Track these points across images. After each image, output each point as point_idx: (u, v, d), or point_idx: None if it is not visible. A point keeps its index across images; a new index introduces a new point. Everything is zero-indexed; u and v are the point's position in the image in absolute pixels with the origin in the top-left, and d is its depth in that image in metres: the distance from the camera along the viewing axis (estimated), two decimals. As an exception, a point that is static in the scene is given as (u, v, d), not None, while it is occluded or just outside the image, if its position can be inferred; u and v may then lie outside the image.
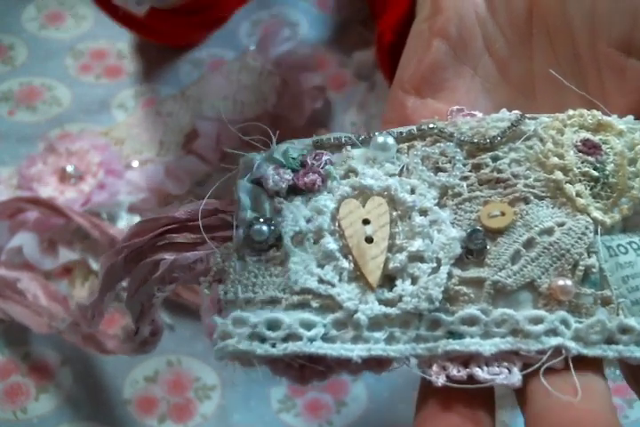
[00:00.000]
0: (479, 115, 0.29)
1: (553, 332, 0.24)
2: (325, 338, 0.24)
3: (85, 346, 0.38)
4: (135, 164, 0.50)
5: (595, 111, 0.28)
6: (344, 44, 0.55)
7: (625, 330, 0.24)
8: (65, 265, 0.46)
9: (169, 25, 0.52)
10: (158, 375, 0.44)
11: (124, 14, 0.49)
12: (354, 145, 0.28)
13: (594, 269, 0.25)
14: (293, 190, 0.27)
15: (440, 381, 0.24)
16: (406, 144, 0.28)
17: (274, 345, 0.24)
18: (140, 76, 0.56)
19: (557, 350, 0.23)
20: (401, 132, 0.28)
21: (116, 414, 0.42)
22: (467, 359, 0.24)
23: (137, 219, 0.47)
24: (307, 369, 0.24)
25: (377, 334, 0.24)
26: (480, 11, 0.32)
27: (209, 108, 0.52)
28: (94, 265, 0.46)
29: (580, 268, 0.25)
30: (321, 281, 0.25)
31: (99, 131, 0.52)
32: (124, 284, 0.28)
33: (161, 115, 0.52)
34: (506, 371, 0.24)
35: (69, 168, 0.48)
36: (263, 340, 0.24)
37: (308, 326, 0.24)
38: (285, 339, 0.24)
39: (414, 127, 0.28)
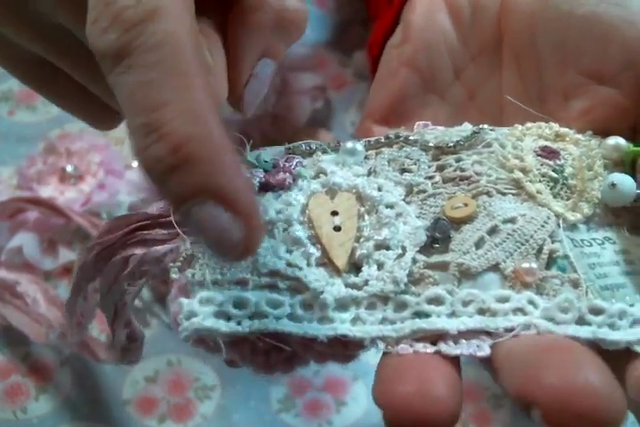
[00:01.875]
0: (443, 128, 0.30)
1: (521, 311, 0.24)
2: (292, 317, 0.24)
3: (82, 354, 0.39)
4: (135, 164, 0.50)
5: (552, 123, 0.29)
6: (344, 44, 0.55)
7: (596, 311, 0.24)
8: (65, 265, 0.46)
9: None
10: (158, 375, 0.43)
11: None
12: (324, 152, 0.29)
13: (559, 253, 0.25)
14: (265, 188, 0.27)
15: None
16: (374, 151, 0.29)
17: (239, 323, 0.24)
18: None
19: (526, 329, 0.23)
20: (369, 141, 0.29)
21: (115, 414, 0.42)
22: (434, 340, 0.24)
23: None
24: (272, 354, 0.24)
25: (343, 315, 0.24)
26: (449, 39, 0.32)
27: (209, 108, 0.52)
28: (94, 265, 0.46)
29: (545, 252, 0.25)
30: (289, 264, 0.25)
31: (99, 131, 0.52)
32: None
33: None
34: (474, 346, 0.23)
35: (69, 168, 0.48)
36: (229, 318, 0.24)
37: (275, 304, 0.24)
38: (251, 317, 0.24)
39: (382, 137, 0.29)
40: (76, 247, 0.46)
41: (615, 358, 0.23)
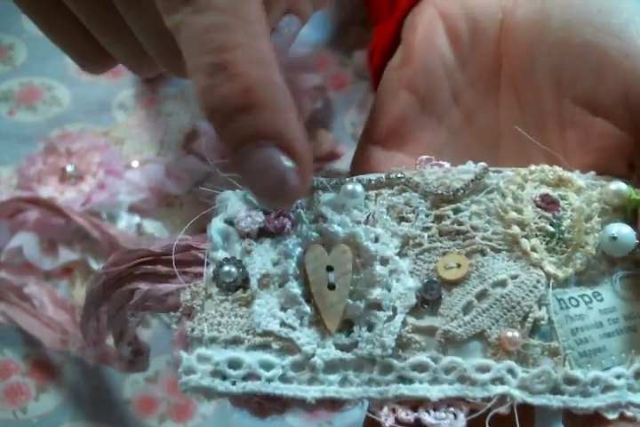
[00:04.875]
0: (446, 165, 0.29)
1: (499, 380, 0.25)
2: (283, 378, 0.25)
3: (103, 364, 0.39)
4: (135, 164, 0.50)
5: (556, 167, 0.29)
6: (344, 44, 0.55)
7: (570, 381, 0.25)
8: (65, 265, 0.46)
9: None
10: (158, 375, 0.44)
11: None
12: (325, 189, 0.29)
13: (543, 322, 0.26)
14: (264, 232, 0.28)
15: (388, 422, 0.25)
16: (374, 191, 0.29)
17: (234, 383, 0.25)
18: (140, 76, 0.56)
19: (503, 398, 0.25)
20: (370, 180, 0.29)
21: (116, 414, 0.43)
22: (416, 403, 0.25)
23: (137, 219, 0.48)
24: (265, 404, 0.26)
25: (332, 377, 0.26)
26: (448, 63, 0.32)
27: (209, 108, 0.52)
28: (94, 265, 0.46)
29: (530, 320, 0.26)
30: (282, 324, 0.26)
31: (99, 131, 0.52)
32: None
33: (161, 115, 0.52)
34: (452, 416, 0.25)
35: (69, 168, 0.48)
36: (224, 377, 0.25)
37: (268, 366, 0.26)
38: (245, 378, 0.25)
39: (383, 175, 0.29)
40: (76, 247, 0.46)
41: (585, 421, 0.25)
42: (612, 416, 0.25)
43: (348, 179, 0.29)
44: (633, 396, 0.25)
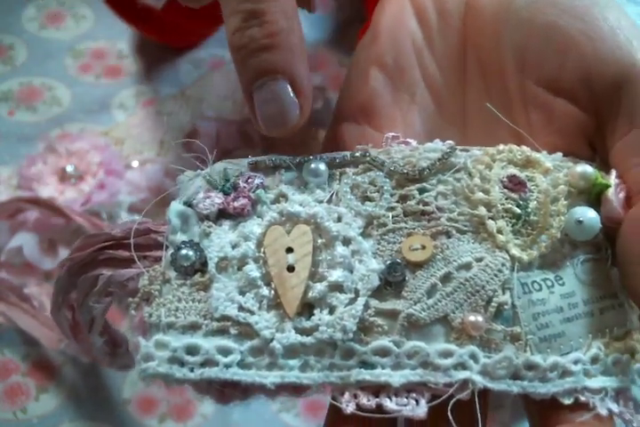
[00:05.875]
0: (413, 143, 0.29)
1: (462, 365, 0.25)
2: (241, 364, 0.25)
3: (94, 361, 0.39)
4: (135, 164, 0.50)
5: (524, 147, 0.28)
6: (344, 44, 0.55)
7: (530, 366, 0.25)
8: (65, 265, 0.46)
9: (183, 16, 0.52)
10: (158, 375, 0.43)
11: (130, 9, 0.50)
12: (288, 168, 0.28)
13: (506, 306, 0.26)
14: (223, 213, 0.27)
15: (349, 409, 0.25)
16: (338, 170, 0.28)
17: (192, 370, 0.25)
18: (140, 76, 0.56)
19: (465, 383, 0.25)
20: (334, 158, 0.28)
21: (116, 413, 0.42)
22: (377, 389, 0.25)
23: (137, 219, 0.48)
24: (226, 389, 0.25)
25: (292, 362, 0.25)
26: (416, 39, 0.32)
27: (209, 107, 0.52)
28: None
29: (493, 304, 0.26)
30: (241, 308, 0.26)
31: (99, 131, 0.52)
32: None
33: (161, 115, 0.52)
34: (413, 402, 0.25)
35: (69, 168, 0.48)
36: (182, 364, 0.25)
37: (225, 352, 0.25)
38: (203, 364, 0.25)
39: (348, 154, 0.28)
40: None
41: (541, 406, 0.26)
42: (567, 402, 0.25)
43: (311, 157, 0.28)
44: (588, 381, 0.26)
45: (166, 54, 0.57)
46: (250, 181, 0.28)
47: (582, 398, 0.25)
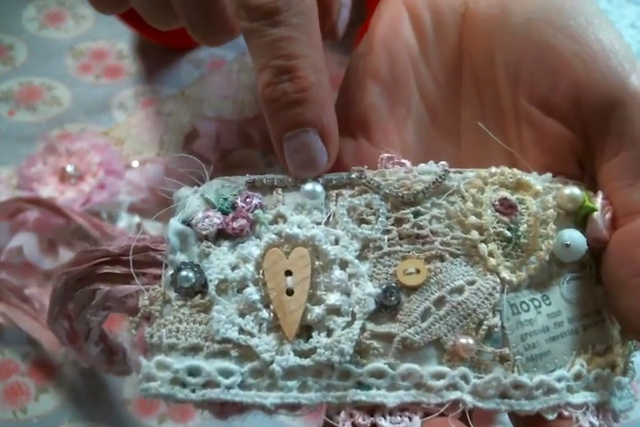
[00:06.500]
0: (408, 164, 0.29)
1: (453, 386, 0.26)
2: (242, 385, 0.26)
3: (95, 367, 0.39)
4: (135, 164, 0.50)
5: (515, 170, 0.29)
6: (344, 44, 0.55)
7: (517, 386, 0.26)
8: (65, 265, 0.46)
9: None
10: (158, 375, 0.43)
11: (130, 11, 0.49)
12: (285, 188, 0.28)
13: (496, 329, 0.26)
14: (222, 233, 0.28)
15: None
16: (335, 191, 0.28)
17: (193, 391, 0.25)
18: (140, 76, 0.56)
19: (456, 403, 0.26)
20: (330, 180, 0.28)
21: (115, 413, 0.42)
22: (372, 408, 0.26)
23: (137, 219, 0.48)
24: (226, 406, 0.26)
25: (290, 383, 0.26)
26: (413, 52, 0.32)
27: (209, 108, 0.52)
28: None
29: (484, 327, 0.26)
30: (241, 331, 0.26)
31: (99, 131, 0.52)
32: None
33: (161, 115, 0.52)
34: (407, 420, 0.26)
35: (69, 168, 0.48)
36: (184, 385, 0.25)
37: (227, 374, 0.26)
38: (204, 385, 0.25)
39: (344, 175, 0.29)
40: (76, 247, 0.46)
41: (527, 421, 0.27)
42: (551, 417, 0.26)
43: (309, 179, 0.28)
44: (571, 397, 0.27)
45: (166, 54, 0.57)
46: (248, 200, 0.28)
47: (565, 413, 0.26)
